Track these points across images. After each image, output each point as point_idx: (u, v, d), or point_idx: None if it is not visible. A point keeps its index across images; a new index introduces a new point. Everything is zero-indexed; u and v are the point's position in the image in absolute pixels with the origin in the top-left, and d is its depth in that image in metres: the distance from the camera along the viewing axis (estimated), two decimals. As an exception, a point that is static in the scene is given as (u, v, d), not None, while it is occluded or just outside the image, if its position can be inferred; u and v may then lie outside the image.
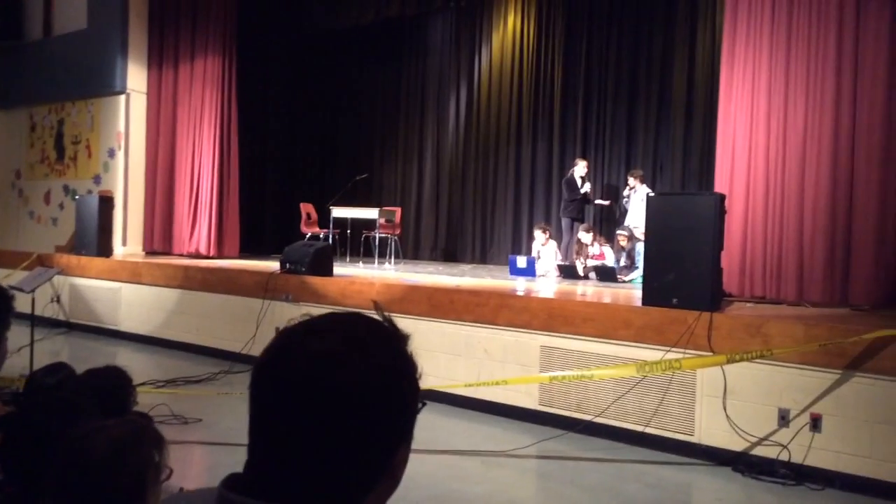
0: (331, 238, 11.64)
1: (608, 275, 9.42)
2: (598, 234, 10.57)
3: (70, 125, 12.79)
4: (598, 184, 11.91)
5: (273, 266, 8.96)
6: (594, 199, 11.47)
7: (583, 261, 10.12)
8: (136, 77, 11.95)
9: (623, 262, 9.95)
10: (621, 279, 9.38)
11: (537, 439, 5.87)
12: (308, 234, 11.94)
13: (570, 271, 9.89)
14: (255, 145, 12.80)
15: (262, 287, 8.34)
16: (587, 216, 11.57)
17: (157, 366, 8.32)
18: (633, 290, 7.74)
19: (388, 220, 11.93)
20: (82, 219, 10.81)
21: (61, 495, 1.66)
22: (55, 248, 11.92)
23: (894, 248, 6.17)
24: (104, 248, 10.64)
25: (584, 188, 10.97)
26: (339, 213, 11.61)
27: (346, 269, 9.64)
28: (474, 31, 13.66)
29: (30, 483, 1.82)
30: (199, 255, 11.23)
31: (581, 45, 12.29)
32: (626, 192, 10.56)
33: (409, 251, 13.84)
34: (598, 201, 11.50)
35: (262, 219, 13.51)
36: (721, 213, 5.89)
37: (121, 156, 11.93)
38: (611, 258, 10.09)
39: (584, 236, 10.31)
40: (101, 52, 12.05)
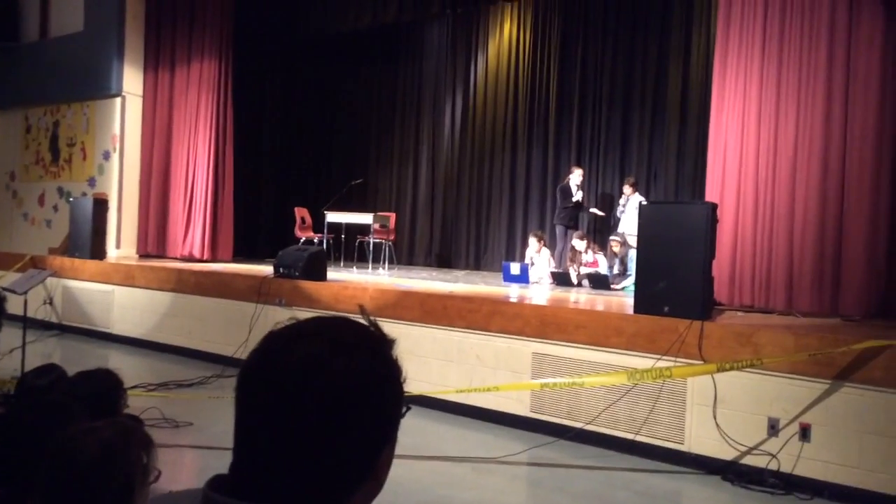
0: (325, 243, 11.65)
1: (601, 282, 9.45)
2: (591, 241, 10.61)
3: (65, 127, 12.78)
4: (592, 191, 11.95)
5: (267, 270, 8.97)
6: (588, 207, 11.50)
7: (576, 268, 10.14)
8: (131, 80, 11.96)
9: (616, 269, 9.98)
10: (614, 287, 9.40)
11: (528, 446, 5.88)
12: (302, 239, 11.94)
13: (563, 278, 9.91)
14: (250, 149, 12.80)
15: (256, 291, 8.35)
16: (581, 224, 11.61)
17: (149, 369, 8.31)
18: (626, 297, 7.76)
19: (383, 226, 11.95)
20: (76, 221, 10.80)
21: (51, 496, 1.67)
22: (49, 251, 11.91)
23: (885, 258, 6.20)
24: (98, 251, 10.63)
25: (576, 196, 11.02)
26: (334, 217, 11.62)
27: (340, 274, 9.65)
28: (470, 38, 13.71)
29: (19, 484, 1.82)
30: (192, 259, 11.23)
31: (576, 52, 12.35)
32: (622, 201, 10.63)
33: (404, 257, 13.85)
34: (593, 210, 11.51)
35: (256, 223, 13.51)
36: (713, 222, 5.92)
37: (116, 158, 11.93)
38: (604, 266, 10.13)
39: (578, 244, 10.34)
40: (97, 55, 12.05)
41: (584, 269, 10.06)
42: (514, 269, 9.89)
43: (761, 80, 6.70)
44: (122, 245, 11.84)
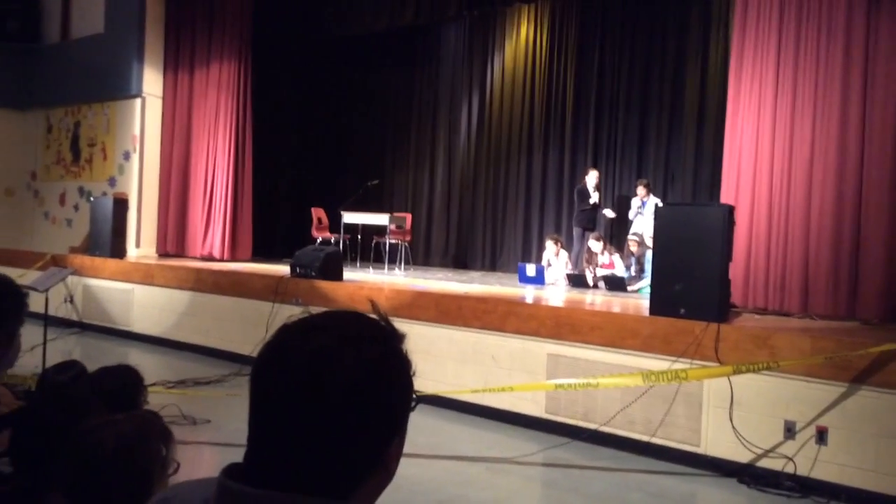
0: (341, 243, 11.70)
1: (617, 284, 9.43)
2: (608, 243, 10.59)
3: (86, 127, 12.92)
4: (608, 194, 11.92)
5: (284, 270, 9.02)
6: (602, 208, 11.46)
7: (592, 270, 10.13)
8: (151, 81, 12.08)
9: (634, 268, 9.95)
10: (630, 289, 9.38)
11: (543, 447, 5.89)
12: (319, 239, 12.00)
13: (579, 280, 9.90)
14: (267, 150, 12.87)
15: (273, 290, 8.40)
16: (598, 226, 11.58)
17: (167, 367, 8.38)
18: (642, 299, 7.75)
19: (399, 226, 11.98)
20: (96, 220, 10.92)
21: (72, 487, 1.71)
22: (69, 249, 12.04)
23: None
24: (118, 250, 10.74)
25: (593, 198, 11.01)
26: (350, 218, 11.66)
27: (356, 275, 9.69)
28: (487, 40, 13.71)
29: (39, 476, 1.86)
30: (212, 259, 11.32)
31: (593, 54, 12.32)
32: (636, 204, 10.63)
33: (420, 258, 13.87)
34: (607, 212, 11.46)
35: (273, 223, 13.59)
36: (730, 224, 5.90)
37: (135, 158, 12.04)
38: (620, 267, 10.11)
39: (595, 245, 10.33)
40: (117, 56, 12.18)
41: (601, 271, 10.05)
42: (530, 270, 9.89)
43: (776, 83, 6.69)
44: (141, 244, 11.95)
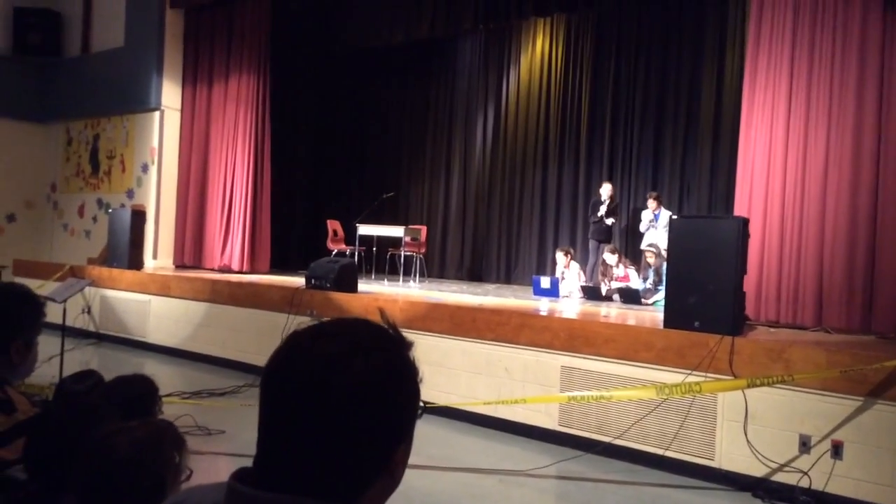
0: (356, 255, 11.74)
1: (632, 297, 9.41)
2: (623, 256, 10.58)
3: (105, 140, 13.07)
4: (624, 206, 11.92)
5: (299, 282, 9.07)
6: (609, 218, 11.34)
7: (607, 282, 10.12)
8: (170, 94, 12.21)
9: (651, 280, 9.91)
10: (645, 301, 9.37)
11: (556, 460, 5.88)
12: (334, 251, 12.05)
13: (593, 293, 9.89)
14: (284, 162, 12.97)
15: (288, 302, 8.44)
16: (615, 238, 11.56)
17: (183, 377, 8.43)
18: (656, 312, 7.73)
19: (414, 239, 12.02)
20: (114, 232, 11.01)
21: (86, 493, 1.74)
22: (87, 261, 12.15)
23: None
24: (135, 261, 10.82)
25: (600, 211, 11.04)
26: (366, 230, 11.72)
27: (371, 287, 9.73)
28: (502, 53, 13.79)
29: (52, 483, 1.89)
30: (230, 270, 11.39)
31: (609, 67, 12.36)
32: (646, 216, 10.61)
33: (435, 270, 13.91)
34: (609, 220, 11.33)
35: (289, 235, 13.67)
36: (744, 237, 5.89)
37: (154, 171, 12.16)
38: (636, 280, 10.09)
39: (610, 258, 10.32)
40: (136, 70, 12.33)
41: (616, 284, 10.04)
42: (545, 282, 9.89)
43: (790, 94, 6.69)
44: (158, 256, 12.06)
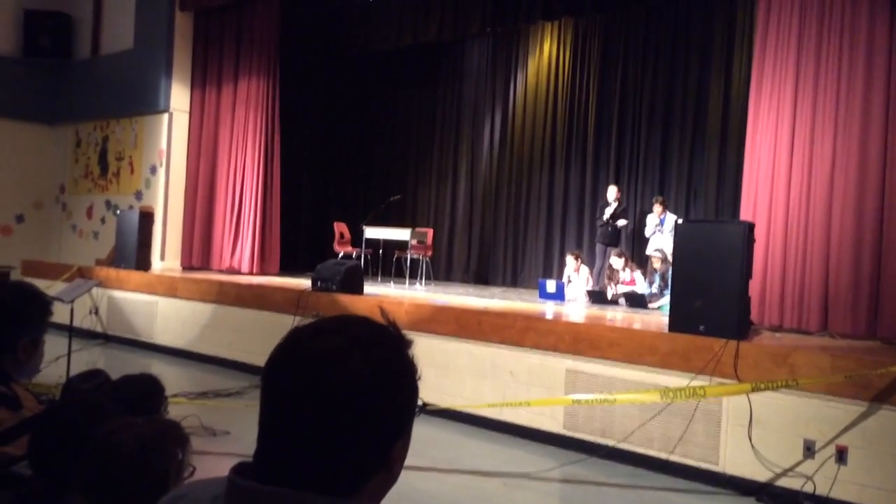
0: (363, 257, 11.77)
1: (638, 301, 9.42)
2: (629, 260, 10.57)
3: (114, 142, 13.14)
4: (631, 210, 11.91)
5: (305, 283, 9.09)
6: (616, 220, 11.33)
7: (613, 286, 10.12)
8: (179, 96, 12.26)
9: (657, 284, 9.90)
10: (651, 306, 9.36)
11: (560, 463, 5.89)
12: (341, 254, 12.09)
13: (599, 296, 9.89)
14: (291, 164, 13.01)
15: (294, 304, 8.47)
16: (621, 242, 11.55)
17: (189, 378, 8.47)
18: (662, 316, 7.73)
19: (420, 241, 12.04)
20: (122, 233, 11.07)
21: (90, 488, 1.76)
22: (95, 262, 12.21)
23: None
24: (143, 263, 10.87)
25: (606, 214, 11.05)
26: (372, 233, 11.75)
27: (377, 289, 9.75)
28: (510, 57, 13.82)
29: (57, 479, 1.91)
30: (241, 273, 11.42)
31: (616, 71, 12.36)
32: (652, 221, 10.61)
33: (441, 273, 13.93)
34: (620, 222, 11.34)
35: (296, 237, 13.71)
36: (750, 241, 5.89)
37: (162, 173, 12.21)
38: (642, 284, 10.08)
39: (616, 262, 10.32)
40: (146, 72, 12.40)
41: (622, 288, 10.03)
42: (550, 286, 9.90)
43: (796, 100, 6.71)
44: (166, 257, 12.10)
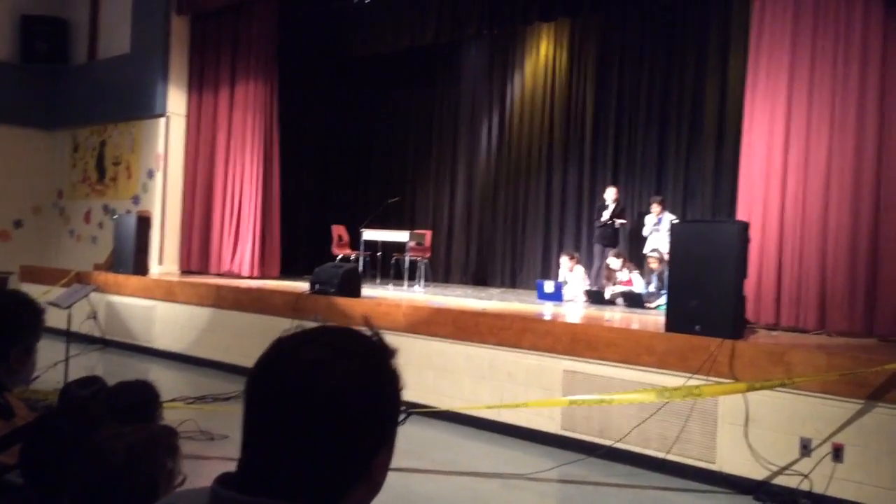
0: (361, 260, 11.78)
1: (635, 301, 9.43)
2: (627, 260, 10.58)
3: (111, 146, 13.14)
4: (629, 210, 11.91)
5: (303, 287, 9.10)
6: (612, 220, 11.33)
7: (611, 287, 10.13)
8: (176, 100, 12.27)
9: (654, 284, 9.91)
10: (648, 305, 9.38)
11: (558, 463, 5.89)
12: (339, 256, 12.09)
13: (597, 297, 9.90)
14: (289, 167, 13.00)
15: (292, 307, 8.48)
16: (618, 243, 11.55)
17: (188, 383, 8.47)
18: (660, 316, 7.74)
19: (418, 243, 12.05)
20: (120, 238, 11.08)
21: (80, 498, 1.77)
22: (94, 266, 12.21)
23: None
24: (141, 267, 10.88)
25: (605, 215, 11.06)
26: (371, 235, 11.76)
27: (376, 291, 9.76)
28: (507, 58, 13.83)
29: (49, 488, 1.92)
30: (241, 276, 11.42)
31: (613, 72, 12.37)
32: (650, 221, 10.62)
33: (440, 274, 13.93)
34: (619, 221, 11.35)
35: (295, 240, 13.70)
36: (745, 241, 5.91)
37: (159, 177, 12.21)
38: (640, 284, 10.09)
39: (613, 262, 10.33)
40: (142, 76, 12.40)
41: (619, 288, 10.04)
42: (548, 287, 9.91)
43: (791, 100, 6.72)
44: (164, 261, 12.10)
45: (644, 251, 10.62)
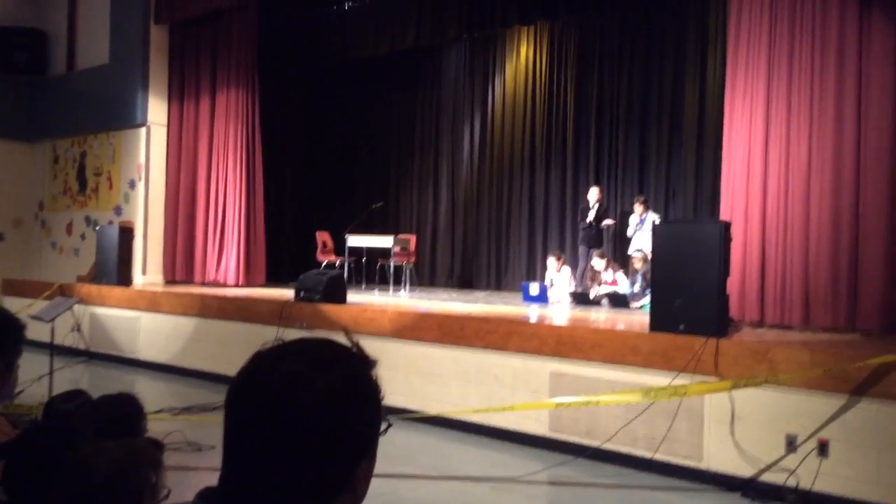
0: (346, 266, 11.76)
1: (620, 301, 9.46)
2: (611, 260, 10.61)
3: (92, 157, 13.06)
4: (611, 210, 11.95)
5: (288, 294, 9.08)
6: (601, 221, 11.36)
7: (596, 287, 10.16)
8: (156, 110, 12.20)
9: (639, 284, 9.93)
10: (633, 306, 9.41)
11: (547, 465, 5.91)
12: (324, 263, 12.06)
13: (582, 298, 9.93)
14: (272, 174, 12.97)
15: (277, 315, 8.45)
16: (602, 243, 11.57)
17: (174, 393, 8.42)
18: (645, 316, 7.76)
19: (403, 248, 12.04)
20: (103, 249, 11.00)
21: (64, 514, 1.76)
22: (77, 278, 12.13)
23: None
24: (124, 278, 10.81)
25: (589, 216, 11.09)
26: (355, 241, 11.74)
27: (361, 297, 9.74)
28: (488, 62, 13.85)
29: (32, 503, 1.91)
30: (226, 285, 11.37)
31: (593, 73, 12.43)
32: (633, 221, 10.65)
33: (425, 279, 13.93)
34: (607, 222, 11.38)
35: (279, 247, 13.66)
36: (727, 240, 5.94)
37: (141, 187, 12.15)
38: (624, 285, 10.12)
39: (598, 263, 10.36)
40: (122, 86, 12.33)
41: (604, 289, 10.07)
42: (534, 289, 9.93)
43: (770, 100, 6.77)
44: (148, 272, 12.03)
45: (628, 251, 10.65)
